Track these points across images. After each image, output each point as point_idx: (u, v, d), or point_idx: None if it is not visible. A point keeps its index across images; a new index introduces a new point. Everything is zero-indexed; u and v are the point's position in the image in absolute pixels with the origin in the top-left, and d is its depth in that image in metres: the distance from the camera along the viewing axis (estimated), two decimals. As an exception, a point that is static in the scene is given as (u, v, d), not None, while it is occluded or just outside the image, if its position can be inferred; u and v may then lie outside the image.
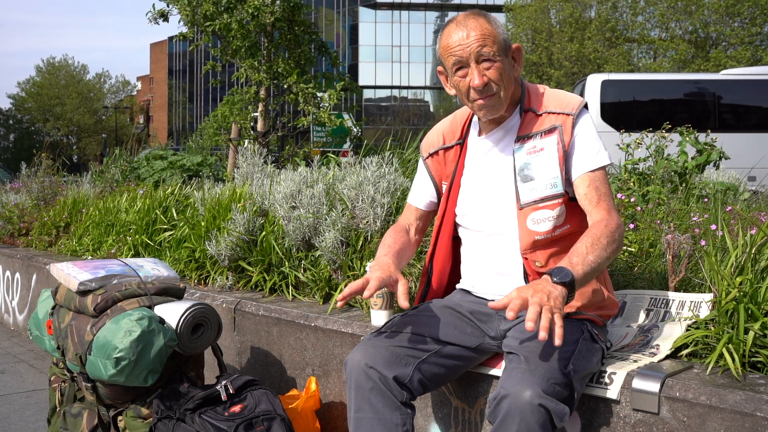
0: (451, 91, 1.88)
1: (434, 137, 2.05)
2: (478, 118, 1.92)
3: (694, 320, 1.88)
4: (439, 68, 1.89)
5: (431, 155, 2.04)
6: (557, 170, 1.79)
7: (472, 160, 1.95)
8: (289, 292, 2.91)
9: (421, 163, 2.09)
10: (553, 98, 1.86)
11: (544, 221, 1.79)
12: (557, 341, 1.44)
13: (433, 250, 2.02)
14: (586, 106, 1.86)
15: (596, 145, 1.81)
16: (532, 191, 1.80)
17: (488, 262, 1.90)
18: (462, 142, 1.99)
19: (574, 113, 1.82)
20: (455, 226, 2.00)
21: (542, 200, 1.79)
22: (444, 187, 2.02)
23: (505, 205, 1.85)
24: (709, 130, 5.38)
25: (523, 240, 1.80)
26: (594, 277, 1.67)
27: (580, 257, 1.63)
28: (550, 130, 1.82)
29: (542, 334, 1.43)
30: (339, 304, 1.70)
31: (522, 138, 1.85)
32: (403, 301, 1.68)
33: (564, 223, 1.80)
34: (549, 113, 1.84)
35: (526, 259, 1.80)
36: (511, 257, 1.85)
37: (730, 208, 2.97)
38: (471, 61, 1.75)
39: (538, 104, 1.86)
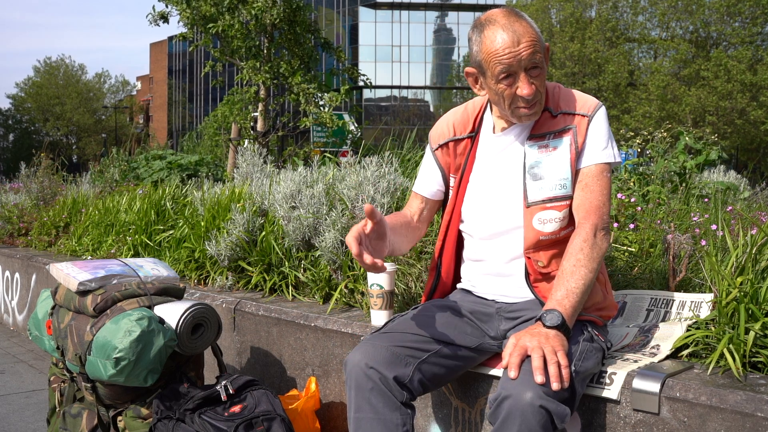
0: (481, 92, 1.84)
1: (444, 128, 2.00)
2: (497, 116, 1.88)
3: (694, 320, 1.88)
4: (470, 69, 1.81)
5: (440, 147, 1.99)
6: (568, 171, 1.78)
7: (484, 157, 1.92)
8: (289, 292, 2.91)
9: (429, 153, 2.03)
10: (570, 98, 1.83)
11: (550, 222, 1.77)
12: (565, 384, 1.48)
13: (441, 245, 1.99)
14: (601, 107, 1.82)
15: (602, 143, 1.78)
16: (541, 190, 1.78)
17: (490, 264, 1.89)
18: (474, 136, 1.94)
19: (590, 114, 1.79)
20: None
21: (550, 200, 1.77)
22: (452, 181, 1.97)
23: (512, 202, 1.83)
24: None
25: (528, 239, 1.79)
26: (584, 300, 1.67)
27: (566, 290, 1.64)
28: (564, 131, 1.79)
29: (555, 386, 1.47)
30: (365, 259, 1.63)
31: (535, 137, 1.82)
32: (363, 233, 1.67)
33: (569, 225, 1.79)
34: (565, 114, 1.81)
35: (528, 258, 1.80)
36: (514, 257, 1.84)
37: (730, 208, 2.97)
38: (520, 70, 1.70)
39: (555, 104, 1.83)
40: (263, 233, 3.11)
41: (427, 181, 2.02)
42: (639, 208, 2.97)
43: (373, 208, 1.69)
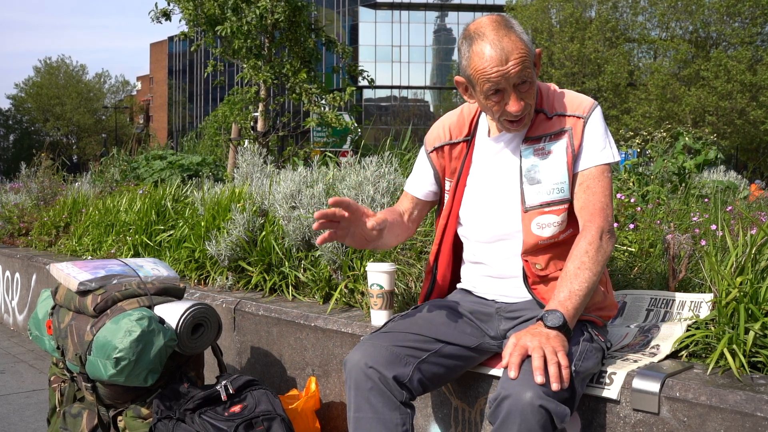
0: (471, 100, 1.84)
1: (440, 131, 1.99)
2: (491, 120, 1.87)
3: (694, 320, 1.88)
4: (459, 79, 1.80)
5: (435, 150, 1.97)
6: (565, 175, 1.76)
7: (480, 161, 1.91)
8: (289, 292, 2.91)
9: (423, 155, 2.02)
10: (564, 100, 1.81)
11: (548, 226, 1.76)
12: (565, 384, 1.49)
13: (437, 249, 1.99)
14: (597, 107, 1.80)
15: (600, 143, 1.77)
16: (538, 194, 1.77)
17: (489, 267, 1.89)
18: (469, 140, 1.94)
19: (585, 116, 1.78)
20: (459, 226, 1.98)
21: (548, 204, 1.76)
22: (448, 184, 1.97)
23: (509, 207, 1.82)
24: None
25: (527, 243, 1.78)
26: (586, 303, 1.67)
27: (569, 292, 1.63)
28: (560, 133, 1.78)
29: (555, 386, 1.47)
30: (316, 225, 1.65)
31: (531, 139, 1.81)
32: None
33: (567, 228, 1.78)
34: (560, 116, 1.79)
35: (526, 261, 1.79)
36: (512, 260, 1.83)
37: (730, 207, 2.98)
38: (509, 87, 1.68)
39: (550, 105, 1.81)
40: (263, 233, 3.11)
41: (420, 182, 2.01)
42: (639, 208, 2.97)
43: (338, 200, 1.68)
